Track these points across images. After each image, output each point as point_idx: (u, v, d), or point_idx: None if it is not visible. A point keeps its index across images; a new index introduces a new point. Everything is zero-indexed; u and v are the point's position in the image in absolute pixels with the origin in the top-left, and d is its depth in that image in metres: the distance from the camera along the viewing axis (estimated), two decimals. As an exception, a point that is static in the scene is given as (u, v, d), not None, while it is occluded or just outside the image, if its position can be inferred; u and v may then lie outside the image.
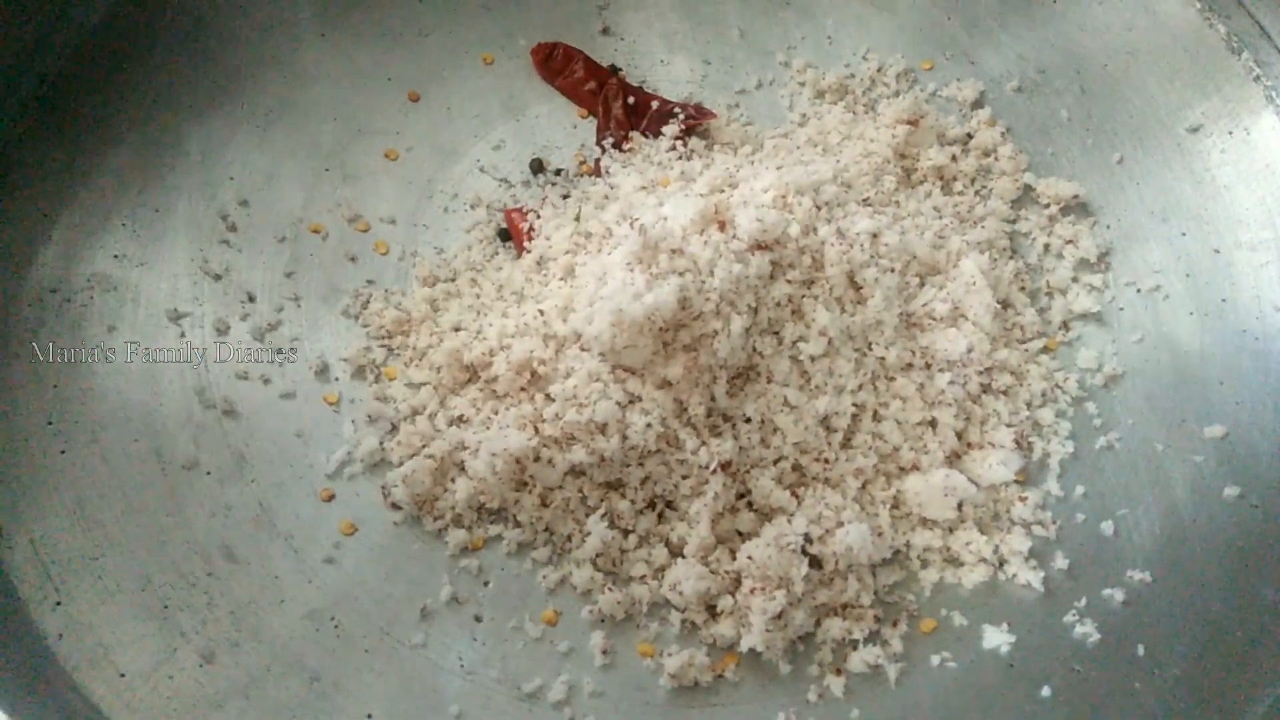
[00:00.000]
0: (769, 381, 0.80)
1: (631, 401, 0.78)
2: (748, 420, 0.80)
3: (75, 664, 0.72)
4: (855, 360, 0.81)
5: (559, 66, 0.98)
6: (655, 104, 0.96)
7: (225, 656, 0.75)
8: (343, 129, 0.94)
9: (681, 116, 0.95)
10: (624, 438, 0.77)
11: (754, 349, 0.80)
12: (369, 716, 0.74)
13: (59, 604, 0.75)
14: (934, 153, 0.93)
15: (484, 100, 0.97)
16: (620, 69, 0.99)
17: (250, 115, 0.93)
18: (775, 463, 0.80)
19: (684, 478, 0.79)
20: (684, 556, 0.77)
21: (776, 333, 0.81)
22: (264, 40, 0.95)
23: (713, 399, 0.78)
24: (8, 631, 0.72)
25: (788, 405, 0.80)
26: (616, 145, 0.95)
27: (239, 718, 0.73)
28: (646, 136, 0.95)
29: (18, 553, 0.76)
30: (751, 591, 0.75)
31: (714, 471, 0.78)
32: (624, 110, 0.96)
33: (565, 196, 0.93)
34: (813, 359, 0.80)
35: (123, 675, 0.73)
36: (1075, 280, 0.90)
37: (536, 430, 0.79)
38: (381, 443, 0.83)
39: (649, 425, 0.77)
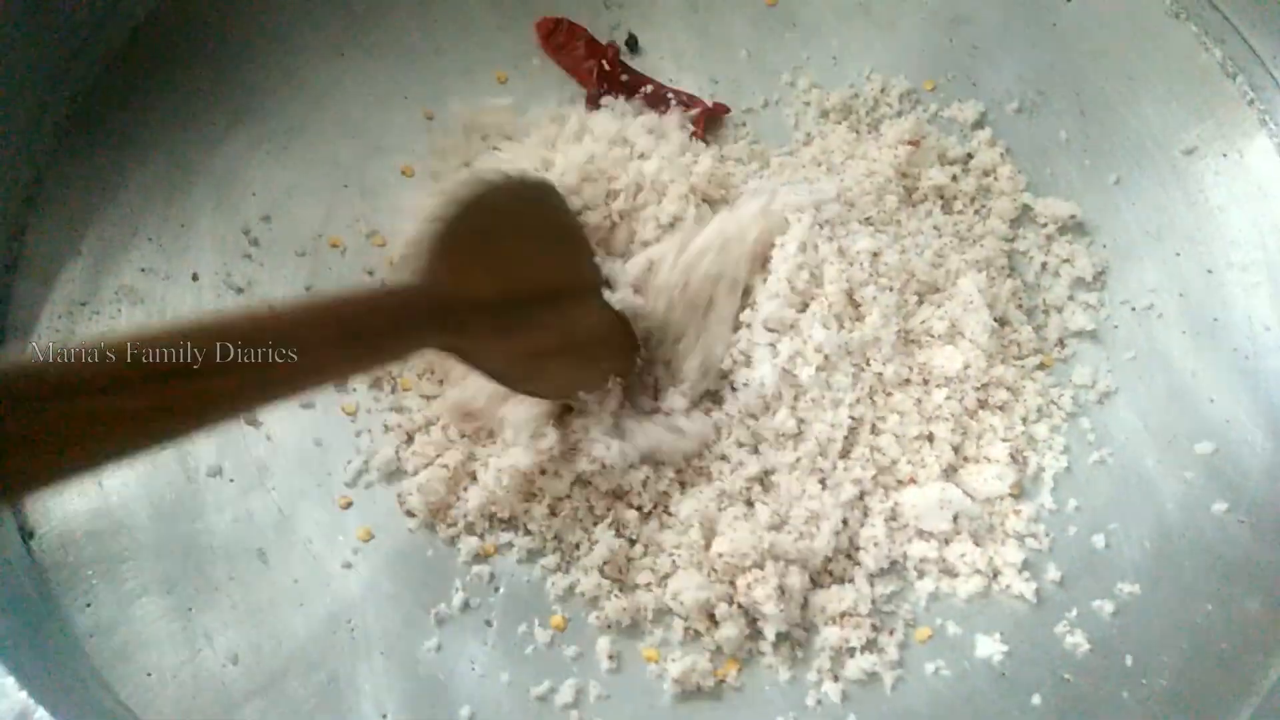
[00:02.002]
0: (771, 396, 0.83)
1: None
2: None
3: (105, 663, 0.76)
4: (853, 375, 0.84)
5: (562, 41, 1.01)
6: (649, 87, 0.99)
7: (247, 657, 0.78)
8: (360, 146, 0.97)
9: (673, 102, 0.98)
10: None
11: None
12: (384, 717, 0.77)
13: (89, 605, 0.78)
14: (935, 172, 0.95)
15: (498, 118, 1.00)
16: (617, 44, 1.01)
17: (272, 133, 0.95)
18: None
19: (681, 485, 0.83)
20: (683, 567, 0.80)
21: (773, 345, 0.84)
22: (285, 60, 0.98)
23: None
24: (45, 631, 0.75)
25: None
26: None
27: (260, 716, 0.76)
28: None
29: (49, 555, 0.79)
30: (749, 586, 0.77)
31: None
32: (619, 86, 0.99)
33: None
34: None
35: (149, 674, 0.76)
36: (1071, 298, 0.92)
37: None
38: (397, 452, 0.86)
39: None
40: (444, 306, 0.65)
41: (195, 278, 0.90)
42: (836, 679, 0.78)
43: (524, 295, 0.72)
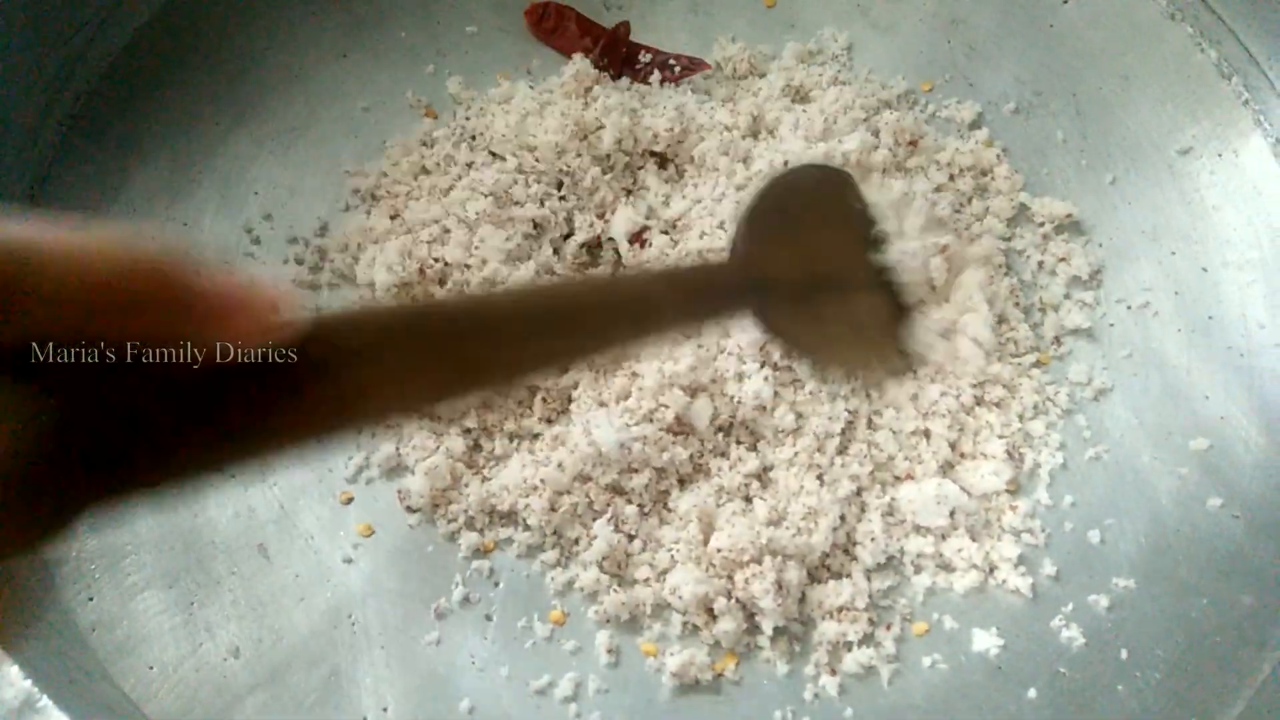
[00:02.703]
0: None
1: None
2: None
3: (107, 656, 0.76)
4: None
5: (552, 25, 1.01)
6: (648, 55, 1.00)
7: (248, 651, 0.79)
8: (363, 146, 0.98)
9: (677, 69, 0.99)
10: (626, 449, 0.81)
11: (755, 362, 0.83)
12: (384, 710, 0.78)
13: (91, 599, 0.79)
14: (932, 172, 0.96)
15: (498, 119, 1.01)
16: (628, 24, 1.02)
17: (274, 133, 0.96)
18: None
19: (680, 482, 0.83)
20: (682, 562, 0.81)
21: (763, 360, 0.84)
22: (288, 61, 0.98)
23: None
24: (48, 624, 0.76)
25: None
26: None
27: (262, 709, 0.77)
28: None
29: (52, 548, 0.79)
30: (747, 581, 0.78)
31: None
32: (618, 61, 1.00)
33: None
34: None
35: (151, 668, 0.77)
36: (1067, 297, 0.93)
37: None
38: (397, 448, 0.86)
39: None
40: (755, 281, 0.69)
41: (198, 275, 0.91)
42: (834, 673, 0.79)
43: (822, 279, 0.75)
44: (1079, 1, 1.00)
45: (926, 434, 0.85)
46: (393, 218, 0.92)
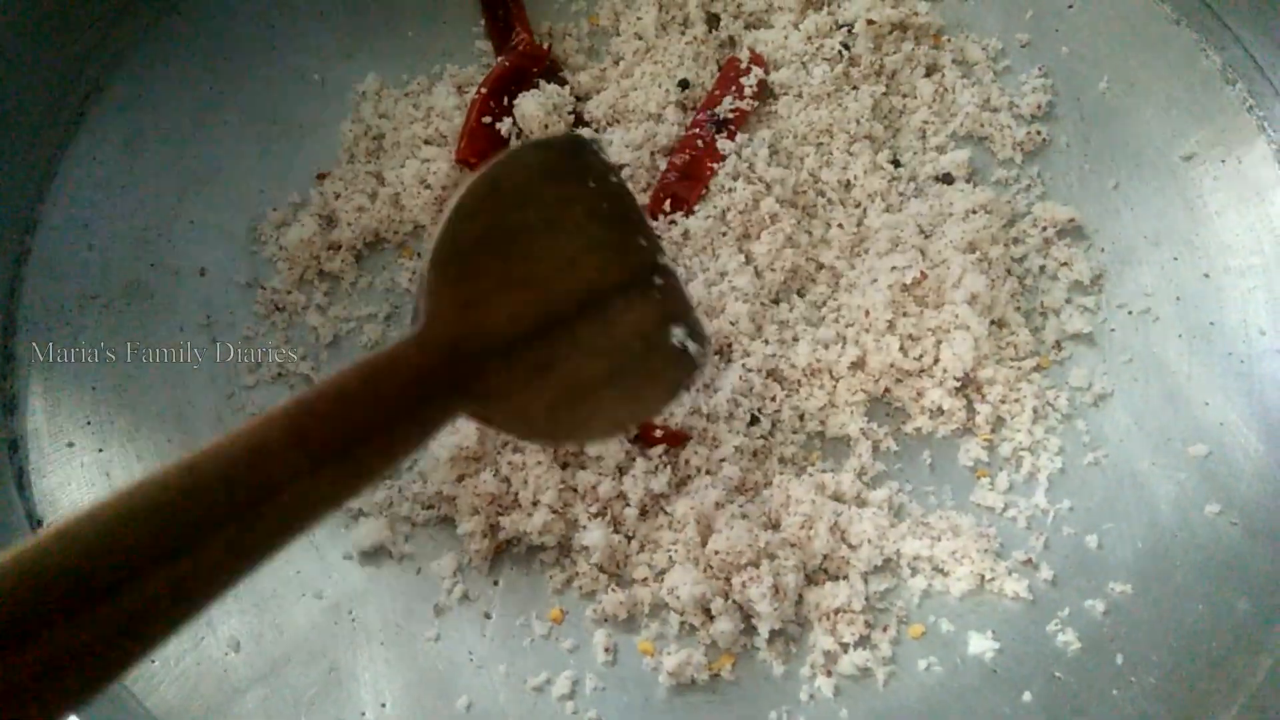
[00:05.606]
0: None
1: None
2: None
3: (110, 649, 0.77)
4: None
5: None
6: None
7: (249, 646, 0.79)
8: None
9: None
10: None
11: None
12: (383, 705, 0.78)
13: (94, 593, 0.79)
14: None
15: (503, 119, 1.01)
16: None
17: (282, 132, 0.97)
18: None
19: (678, 485, 0.84)
20: (680, 563, 0.81)
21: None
22: (296, 60, 0.99)
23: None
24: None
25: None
26: None
27: (262, 703, 0.77)
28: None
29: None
30: (744, 585, 0.78)
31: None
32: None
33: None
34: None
35: (152, 661, 0.78)
36: (1069, 301, 0.93)
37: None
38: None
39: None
40: (456, 357, 0.49)
41: (203, 273, 0.91)
42: (830, 674, 0.79)
43: (562, 308, 0.55)
44: (1084, 6, 1.00)
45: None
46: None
